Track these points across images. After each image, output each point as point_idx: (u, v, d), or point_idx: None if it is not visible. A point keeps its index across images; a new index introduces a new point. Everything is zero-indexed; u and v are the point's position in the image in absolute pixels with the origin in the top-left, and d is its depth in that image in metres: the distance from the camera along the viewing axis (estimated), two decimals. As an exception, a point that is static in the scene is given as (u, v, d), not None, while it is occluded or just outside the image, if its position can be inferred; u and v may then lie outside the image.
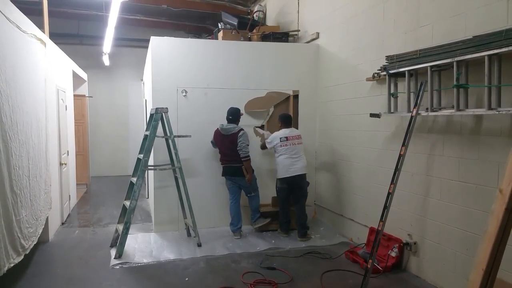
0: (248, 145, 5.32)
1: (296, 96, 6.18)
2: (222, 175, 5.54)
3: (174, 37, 5.93)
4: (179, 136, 5.38)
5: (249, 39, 6.66)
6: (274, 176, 5.66)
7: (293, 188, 5.37)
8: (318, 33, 6.13)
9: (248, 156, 5.29)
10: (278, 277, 4.10)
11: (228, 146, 5.34)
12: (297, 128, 6.16)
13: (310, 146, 6.26)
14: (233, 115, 5.43)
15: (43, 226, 4.76)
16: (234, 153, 5.29)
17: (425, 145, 3.99)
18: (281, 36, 6.62)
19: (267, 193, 5.88)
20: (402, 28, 4.28)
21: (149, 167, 5.26)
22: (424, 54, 3.66)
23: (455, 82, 3.33)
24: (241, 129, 5.36)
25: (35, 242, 4.31)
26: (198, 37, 9.67)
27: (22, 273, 4.17)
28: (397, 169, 3.78)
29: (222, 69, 5.84)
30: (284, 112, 5.98)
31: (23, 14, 4.29)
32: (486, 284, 2.05)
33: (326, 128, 6.02)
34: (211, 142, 5.62)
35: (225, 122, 5.46)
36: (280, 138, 5.33)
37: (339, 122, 5.63)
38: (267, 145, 5.49)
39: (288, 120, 5.51)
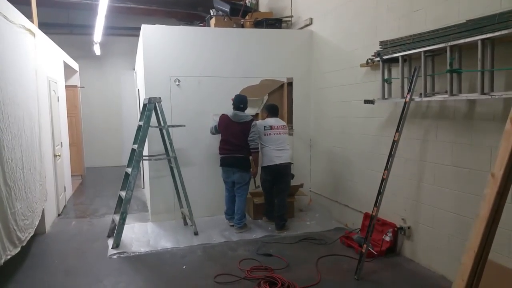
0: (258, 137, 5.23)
1: (290, 84, 6.18)
2: (221, 165, 5.34)
3: (166, 25, 5.87)
4: (173, 126, 5.37)
5: (242, 26, 6.61)
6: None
7: (276, 179, 5.25)
8: (311, 19, 6.09)
9: (258, 148, 5.20)
10: (274, 264, 4.15)
11: (236, 134, 5.13)
12: (291, 116, 6.20)
13: (305, 133, 6.28)
14: (245, 103, 5.22)
15: (39, 218, 4.77)
16: (240, 143, 5.11)
17: (419, 131, 4.01)
18: (274, 22, 6.57)
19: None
20: (395, 13, 4.27)
21: (143, 158, 5.26)
22: (418, 39, 3.66)
23: (448, 67, 3.34)
24: (253, 119, 5.23)
25: (31, 234, 4.32)
26: (190, 25, 9.58)
27: (20, 265, 4.19)
28: (390, 155, 3.81)
29: (215, 57, 5.80)
30: (277, 100, 6.02)
31: (10, 4, 4.22)
32: (478, 266, 2.09)
33: (320, 115, 6.03)
34: (214, 127, 5.38)
35: (223, 111, 5.40)
36: (264, 126, 5.23)
37: (333, 109, 5.64)
38: None
39: (274, 110, 5.41)
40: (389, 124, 4.45)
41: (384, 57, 4.11)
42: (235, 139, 5.13)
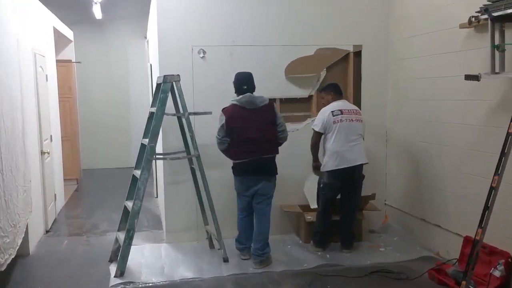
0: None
1: (358, 54, 6.10)
2: (239, 175, 5.12)
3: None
4: (195, 114, 5.44)
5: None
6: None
7: (347, 185, 5.25)
8: (390, -37, 6.01)
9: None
10: (334, 306, 4.13)
11: (259, 126, 4.94)
12: (359, 98, 6.11)
13: (378, 124, 6.22)
14: (252, 82, 5.02)
15: (23, 235, 4.95)
16: (268, 137, 4.98)
17: (545, 119, 3.85)
18: (337, -31, 6.49)
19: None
20: (511, -50, 4.10)
21: (156, 156, 5.37)
22: (545, -13, 3.50)
23: None
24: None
25: (13, 256, 4.47)
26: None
27: (-3, 295, 4.40)
28: (503, 155, 3.68)
29: (254, 19, 5.84)
30: (338, 77, 6.01)
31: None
32: None
33: (401, 96, 5.95)
34: (219, 133, 5.03)
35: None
36: (332, 111, 5.18)
37: (419, 88, 5.55)
38: (316, 128, 5.27)
39: (339, 89, 5.47)
40: (500, 109, 4.30)
41: (495, 14, 3.97)
42: (260, 133, 4.93)
